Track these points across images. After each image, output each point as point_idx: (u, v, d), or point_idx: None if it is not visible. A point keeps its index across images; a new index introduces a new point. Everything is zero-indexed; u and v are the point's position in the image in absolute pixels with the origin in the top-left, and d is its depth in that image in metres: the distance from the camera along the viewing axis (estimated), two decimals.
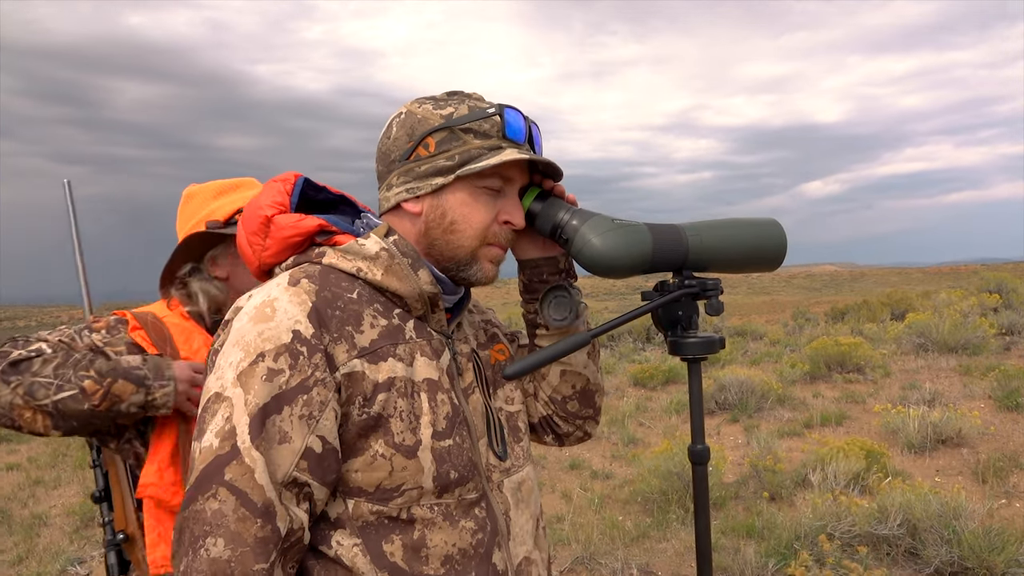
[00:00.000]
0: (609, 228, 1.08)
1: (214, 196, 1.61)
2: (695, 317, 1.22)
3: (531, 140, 1.06)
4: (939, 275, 72.33)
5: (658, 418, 7.48)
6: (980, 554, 3.32)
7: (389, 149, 1.04)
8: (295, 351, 0.88)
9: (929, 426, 5.43)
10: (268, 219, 1.01)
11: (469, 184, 1.01)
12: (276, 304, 0.91)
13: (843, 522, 3.80)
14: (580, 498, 5.17)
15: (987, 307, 11.44)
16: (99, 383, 1.35)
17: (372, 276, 0.98)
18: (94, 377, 1.35)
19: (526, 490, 1.11)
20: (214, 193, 1.61)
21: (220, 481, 0.83)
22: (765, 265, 1.25)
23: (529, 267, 1.17)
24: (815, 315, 19.49)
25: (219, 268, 1.60)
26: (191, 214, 1.61)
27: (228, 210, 1.58)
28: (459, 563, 0.96)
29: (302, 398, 0.87)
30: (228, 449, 0.84)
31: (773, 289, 79.63)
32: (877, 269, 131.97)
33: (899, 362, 8.89)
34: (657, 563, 3.95)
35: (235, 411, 0.85)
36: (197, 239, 1.56)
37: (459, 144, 1.00)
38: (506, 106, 1.02)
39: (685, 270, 1.18)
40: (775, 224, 1.25)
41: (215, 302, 1.59)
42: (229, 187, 1.63)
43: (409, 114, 1.02)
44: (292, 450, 0.86)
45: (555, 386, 1.21)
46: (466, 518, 0.98)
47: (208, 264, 1.60)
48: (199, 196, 1.62)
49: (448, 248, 1.03)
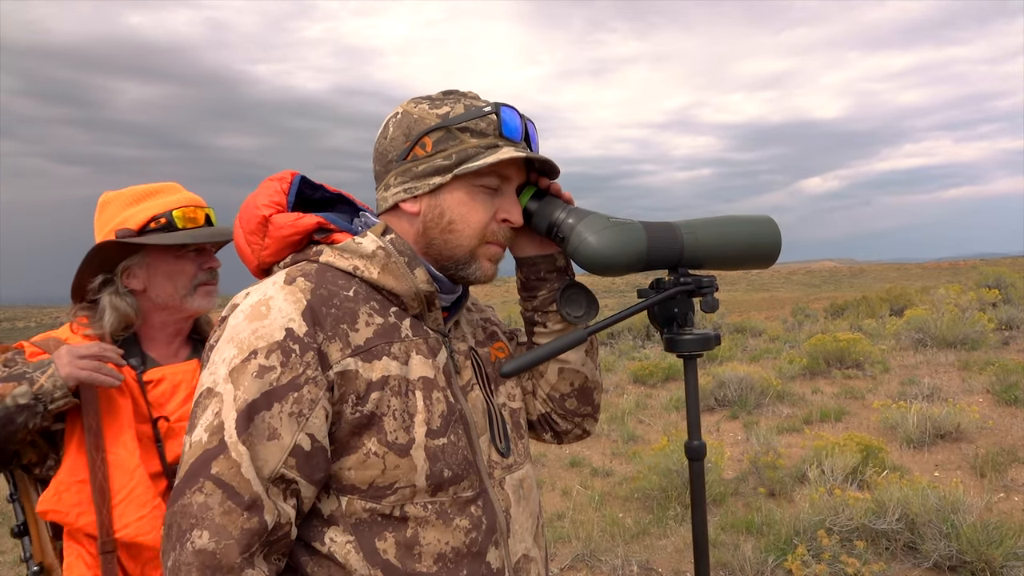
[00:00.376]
0: (605, 226, 1.09)
1: (129, 203, 1.52)
2: (691, 314, 1.23)
3: (528, 138, 1.07)
4: (938, 270, 72.40)
5: (658, 415, 7.49)
6: (978, 548, 3.33)
7: (386, 149, 1.04)
8: (287, 349, 0.89)
9: (928, 421, 5.44)
10: (266, 218, 1.01)
11: (467, 183, 1.02)
12: (271, 302, 0.92)
13: (841, 517, 3.81)
14: (580, 495, 5.18)
15: (986, 302, 11.45)
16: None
17: (368, 274, 0.99)
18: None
19: (527, 487, 1.12)
20: (129, 200, 1.53)
21: (207, 475, 0.84)
22: (760, 262, 1.26)
23: (527, 265, 1.18)
24: (814, 311, 19.50)
25: (134, 279, 1.51)
26: (104, 223, 1.53)
27: (141, 218, 1.49)
28: (452, 561, 0.97)
29: (292, 395, 0.88)
30: (216, 443, 0.85)
31: (772, 285, 79.70)
32: (876, 265, 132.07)
33: (898, 358, 8.90)
34: (657, 560, 3.96)
35: (224, 406, 0.86)
36: (108, 249, 1.47)
37: (456, 143, 1.00)
38: (502, 104, 1.02)
39: (680, 267, 1.19)
40: (769, 221, 1.26)
41: (124, 320, 1.50)
42: (145, 193, 1.54)
43: (405, 114, 1.03)
44: (281, 447, 0.87)
45: (553, 383, 1.21)
46: (461, 516, 0.99)
47: (122, 275, 1.51)
48: (114, 203, 1.54)
49: (447, 247, 1.03)
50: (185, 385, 1.52)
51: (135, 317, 1.51)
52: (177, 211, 1.51)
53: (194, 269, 1.55)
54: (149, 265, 1.51)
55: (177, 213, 1.51)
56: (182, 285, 1.53)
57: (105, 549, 1.36)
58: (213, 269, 1.58)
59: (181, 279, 1.53)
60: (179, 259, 1.53)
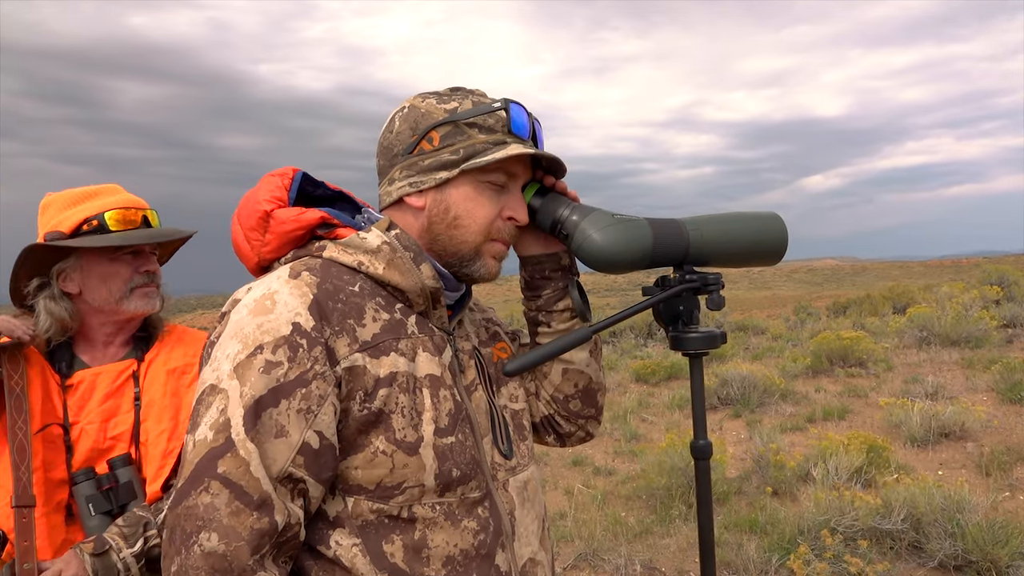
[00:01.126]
0: (609, 223, 1.08)
1: (66, 206, 1.50)
2: (696, 312, 1.22)
3: (534, 136, 1.05)
4: (940, 268, 72.30)
5: (660, 414, 7.48)
6: (984, 548, 3.32)
7: (392, 143, 1.03)
8: (294, 344, 0.87)
9: (932, 419, 5.42)
10: (267, 214, 0.99)
11: (473, 179, 1.00)
12: (276, 296, 0.90)
13: (846, 516, 3.80)
14: (583, 494, 5.16)
15: (989, 300, 11.42)
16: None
17: (373, 270, 0.97)
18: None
19: (531, 489, 1.10)
20: (67, 203, 1.51)
21: (213, 474, 0.81)
22: (766, 259, 1.24)
23: (531, 263, 1.16)
24: (816, 309, 19.48)
25: (69, 283, 1.48)
26: (43, 225, 1.51)
27: (74, 220, 1.47)
28: (460, 564, 0.95)
29: (300, 392, 0.86)
30: (222, 442, 0.82)
31: (774, 284, 79.63)
32: (878, 263, 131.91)
33: (901, 356, 8.88)
34: (661, 559, 3.94)
35: (230, 403, 0.84)
36: (38, 252, 1.45)
37: (464, 138, 0.99)
38: (511, 101, 1.01)
39: (686, 265, 1.18)
40: (776, 218, 1.24)
41: (59, 324, 1.47)
42: (83, 196, 1.52)
43: (412, 108, 1.02)
44: (288, 445, 0.84)
45: (557, 384, 1.19)
46: (468, 518, 0.97)
47: (57, 279, 1.48)
48: (53, 206, 1.52)
49: (451, 243, 1.02)
50: (104, 385, 1.50)
51: (70, 321, 1.49)
52: (110, 212, 1.49)
53: (129, 272, 1.52)
54: (83, 268, 1.49)
55: (110, 215, 1.49)
56: (116, 288, 1.50)
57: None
58: (150, 272, 1.56)
59: (115, 282, 1.50)
60: (113, 262, 1.51)
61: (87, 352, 1.54)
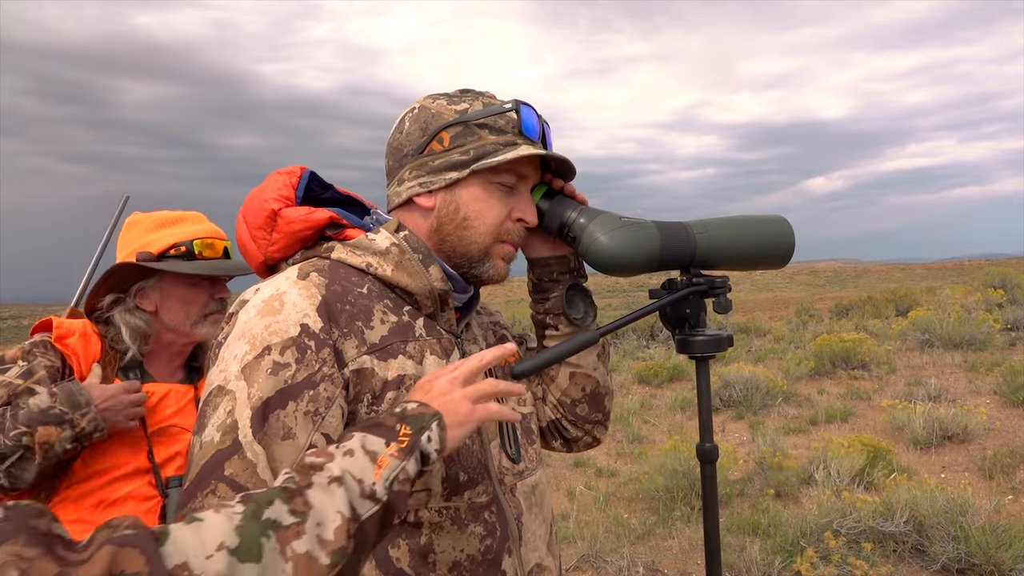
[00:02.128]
0: (617, 226, 1.08)
1: (153, 228, 1.57)
2: (703, 315, 1.22)
3: (544, 138, 1.05)
4: (943, 271, 72.13)
5: (663, 415, 7.47)
6: (987, 551, 3.31)
7: (401, 143, 1.03)
8: (303, 345, 0.86)
9: (935, 422, 5.41)
10: (275, 212, 0.98)
11: (483, 180, 1.00)
12: (284, 297, 0.89)
13: (849, 519, 3.79)
14: (585, 496, 5.16)
15: (992, 302, 11.40)
16: (30, 435, 1.30)
17: (382, 272, 0.97)
18: (24, 431, 1.30)
19: (539, 494, 1.09)
20: (154, 225, 1.58)
21: (220, 476, 0.80)
22: (773, 262, 1.24)
23: (539, 266, 1.16)
24: (818, 311, 19.44)
25: (147, 301, 1.54)
26: (128, 243, 1.57)
27: (163, 243, 1.54)
28: (467, 570, 0.94)
29: (308, 393, 0.85)
30: (229, 443, 0.81)
31: (776, 286, 79.52)
32: (880, 265, 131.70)
33: (904, 358, 8.86)
34: (663, 561, 3.94)
35: (237, 404, 0.83)
36: (127, 270, 1.52)
37: (474, 139, 0.99)
38: (521, 102, 1.01)
39: (693, 268, 1.17)
40: (783, 221, 1.24)
41: (142, 337, 1.54)
42: (171, 220, 1.59)
43: (423, 109, 1.02)
44: (295, 447, 0.83)
45: (564, 389, 1.19)
46: (475, 522, 0.96)
47: (135, 297, 1.54)
48: (139, 226, 1.59)
49: (460, 244, 1.01)
50: (173, 402, 1.56)
51: (150, 331, 1.55)
52: (198, 241, 1.56)
53: (206, 298, 1.59)
54: (163, 289, 1.55)
55: (197, 243, 1.56)
56: (194, 312, 1.58)
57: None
58: (223, 299, 1.63)
59: (194, 307, 1.58)
60: (193, 287, 1.57)
61: (152, 368, 1.59)
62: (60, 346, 1.46)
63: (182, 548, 0.61)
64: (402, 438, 0.78)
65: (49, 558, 0.54)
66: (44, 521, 0.57)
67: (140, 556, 0.58)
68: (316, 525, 0.68)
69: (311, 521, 0.68)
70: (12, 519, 0.55)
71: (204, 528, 0.64)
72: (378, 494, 0.74)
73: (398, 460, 0.76)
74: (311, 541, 0.67)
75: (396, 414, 0.81)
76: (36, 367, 1.39)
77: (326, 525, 0.69)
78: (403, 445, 0.77)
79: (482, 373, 0.92)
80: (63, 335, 1.47)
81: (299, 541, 0.67)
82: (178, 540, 0.61)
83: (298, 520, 0.68)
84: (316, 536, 0.68)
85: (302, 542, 0.67)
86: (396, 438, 0.78)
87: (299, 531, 0.67)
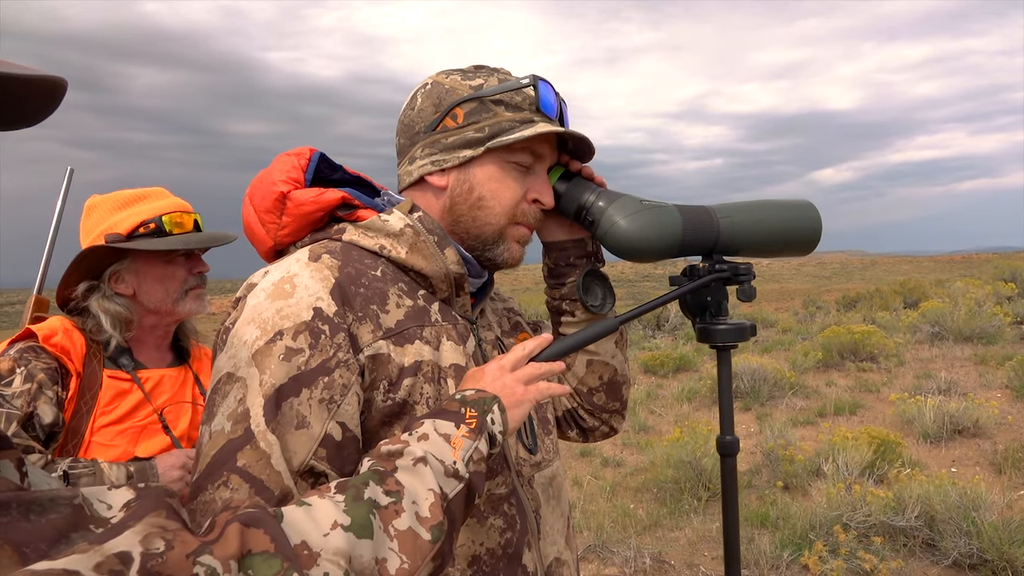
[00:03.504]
0: (637, 209, 1.03)
1: (116, 208, 1.50)
2: (725, 303, 1.17)
3: (561, 117, 1.01)
4: (951, 263, 71.82)
5: (669, 406, 7.44)
6: (1000, 547, 3.27)
7: (413, 120, 0.98)
8: (316, 330, 0.82)
9: (945, 416, 5.36)
10: (284, 195, 0.93)
11: (499, 158, 0.95)
12: (296, 280, 0.85)
13: (859, 512, 3.75)
14: (591, 486, 5.14)
15: (1002, 296, 11.31)
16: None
17: (396, 254, 0.93)
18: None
19: (556, 486, 1.05)
20: (116, 205, 1.51)
21: (232, 468, 0.76)
22: (799, 249, 1.20)
23: (556, 250, 1.12)
24: (825, 303, 19.37)
25: (123, 284, 1.49)
26: (91, 227, 1.51)
27: (131, 223, 1.47)
28: (487, 564, 0.91)
29: (323, 380, 0.81)
30: (241, 433, 0.77)
31: (782, 277, 79.33)
32: (887, 257, 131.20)
33: (913, 351, 8.80)
34: (670, 552, 3.91)
35: (249, 392, 0.79)
36: (97, 254, 1.45)
37: (489, 116, 0.94)
38: (539, 78, 0.96)
39: (715, 254, 1.13)
40: (810, 206, 1.20)
41: (124, 322, 1.48)
42: (134, 198, 1.52)
43: (436, 84, 0.97)
44: (310, 436, 0.79)
45: (581, 377, 1.15)
46: (495, 515, 0.93)
47: (109, 281, 1.48)
48: (100, 208, 1.51)
49: (474, 225, 0.97)
50: (168, 387, 1.54)
51: (131, 316, 1.49)
52: (166, 216, 1.50)
53: (184, 273, 1.54)
54: (138, 271, 1.50)
55: (166, 218, 1.50)
56: (173, 290, 1.52)
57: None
58: (202, 273, 1.57)
59: (172, 284, 1.52)
60: (169, 264, 1.52)
61: (140, 354, 1.55)
62: (49, 347, 1.40)
63: (298, 527, 0.63)
64: (469, 419, 0.80)
65: (188, 532, 0.57)
66: (175, 502, 0.60)
67: (265, 535, 0.60)
68: (412, 503, 0.71)
69: (407, 499, 0.71)
70: (150, 495, 0.58)
71: (314, 510, 0.66)
72: (460, 472, 0.76)
73: (470, 440, 0.78)
74: (411, 518, 0.70)
75: (457, 400, 0.82)
76: (34, 371, 1.35)
77: (420, 503, 0.72)
78: (472, 426, 0.80)
79: (527, 360, 0.92)
80: (47, 336, 1.41)
81: (399, 519, 0.69)
82: (292, 520, 0.64)
83: (394, 500, 0.70)
84: (414, 513, 0.70)
85: (402, 520, 0.69)
86: (464, 420, 0.80)
87: (398, 510, 0.70)
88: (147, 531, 0.54)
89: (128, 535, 0.52)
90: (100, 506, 0.55)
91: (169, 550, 0.53)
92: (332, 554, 0.63)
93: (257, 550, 0.59)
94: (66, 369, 1.40)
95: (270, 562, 0.58)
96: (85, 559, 0.48)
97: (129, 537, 0.52)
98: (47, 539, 0.49)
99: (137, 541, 0.52)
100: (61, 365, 1.40)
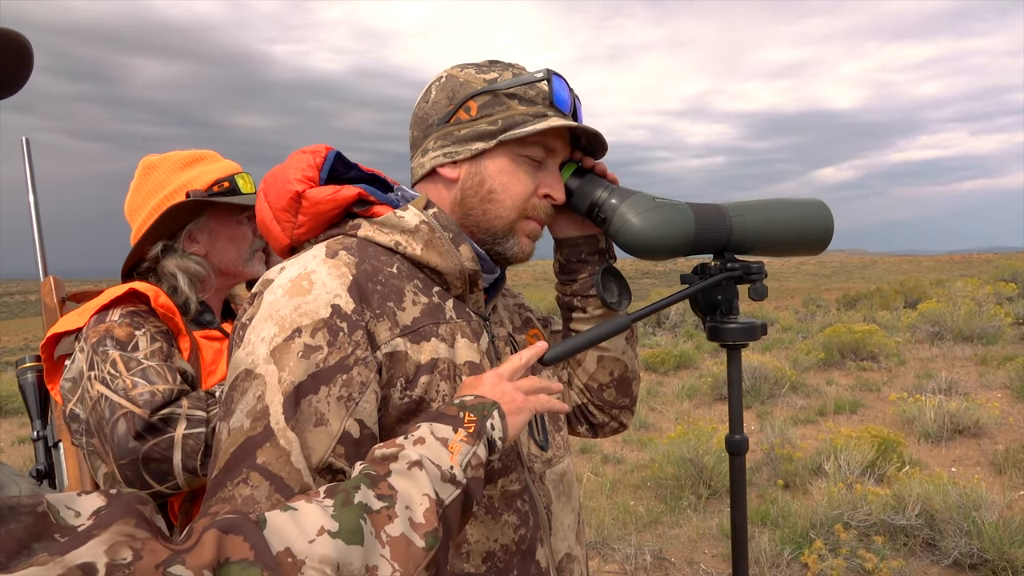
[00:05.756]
0: (650, 207, 1.03)
1: (182, 167, 1.46)
2: (735, 302, 1.17)
3: (575, 112, 1.00)
4: (951, 263, 71.84)
5: (669, 403, 7.44)
6: (1000, 547, 3.27)
7: (427, 113, 0.98)
8: (334, 327, 0.82)
9: (946, 416, 5.36)
10: (299, 194, 0.93)
11: (511, 152, 0.96)
12: (314, 276, 0.85)
13: (859, 511, 3.76)
14: (591, 482, 5.14)
15: (1002, 296, 11.31)
16: None
17: (411, 250, 0.92)
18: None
19: (567, 482, 1.06)
20: (181, 164, 1.46)
21: (252, 465, 0.76)
22: (811, 248, 1.20)
23: (567, 246, 1.12)
24: (826, 302, 19.37)
25: (197, 244, 1.44)
26: (155, 186, 1.44)
27: (207, 179, 1.43)
28: (501, 560, 0.91)
29: (341, 378, 0.81)
30: (260, 430, 0.77)
31: (782, 275, 79.33)
32: (888, 256, 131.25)
33: (913, 351, 8.80)
34: (670, 550, 3.92)
35: (268, 389, 0.79)
36: (180, 210, 1.39)
37: (503, 109, 0.95)
38: (553, 72, 0.96)
39: (727, 252, 1.13)
40: (822, 205, 1.20)
41: (201, 281, 1.43)
42: (196, 157, 1.49)
43: (450, 77, 0.97)
44: (328, 434, 0.79)
45: (591, 373, 1.15)
46: (508, 511, 0.93)
47: (184, 240, 1.43)
48: (162, 167, 1.46)
49: (485, 219, 0.97)
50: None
51: (208, 274, 1.44)
52: (239, 175, 1.48)
53: (251, 235, 1.51)
54: (211, 230, 1.46)
55: (239, 177, 1.48)
56: (244, 249, 1.49)
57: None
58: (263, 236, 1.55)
59: (243, 243, 1.49)
60: (240, 224, 1.49)
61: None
62: (158, 307, 1.33)
63: (281, 534, 0.61)
64: (468, 424, 0.78)
65: (159, 541, 0.54)
66: (148, 509, 0.57)
67: (245, 543, 0.57)
68: (405, 508, 0.68)
69: (400, 504, 0.68)
70: (120, 502, 0.55)
71: (299, 515, 0.63)
72: (458, 477, 0.73)
73: (468, 445, 0.76)
74: (404, 524, 0.67)
75: (456, 404, 0.80)
76: (153, 332, 1.29)
77: (415, 508, 0.69)
78: (470, 430, 0.77)
79: (525, 370, 0.90)
80: (155, 297, 1.33)
81: (392, 525, 0.66)
82: (276, 526, 0.61)
83: (386, 504, 0.67)
84: (408, 519, 0.68)
85: (395, 525, 0.66)
86: (463, 424, 0.78)
87: (390, 515, 0.67)
88: (114, 540, 0.51)
89: (93, 544, 0.49)
90: (68, 513, 0.52)
91: (137, 560, 0.50)
92: (318, 562, 0.60)
93: (235, 558, 0.56)
94: (174, 330, 1.35)
95: (249, 571, 0.55)
96: (44, 571, 0.46)
97: (94, 547, 0.49)
98: (6, 550, 0.46)
99: (103, 551, 0.49)
100: (168, 328, 1.34)
